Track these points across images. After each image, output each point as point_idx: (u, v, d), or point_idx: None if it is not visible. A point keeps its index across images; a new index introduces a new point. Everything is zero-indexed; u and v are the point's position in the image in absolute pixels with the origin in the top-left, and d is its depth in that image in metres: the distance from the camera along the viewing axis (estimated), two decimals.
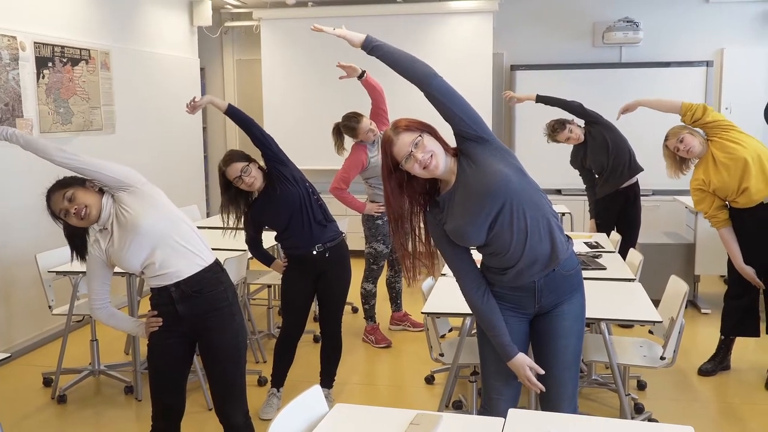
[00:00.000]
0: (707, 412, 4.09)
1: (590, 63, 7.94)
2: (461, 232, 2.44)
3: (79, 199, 2.71)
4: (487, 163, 2.38)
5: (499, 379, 2.62)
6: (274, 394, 4.10)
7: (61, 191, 2.72)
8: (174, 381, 2.93)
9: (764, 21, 7.81)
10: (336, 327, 4.16)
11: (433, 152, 2.35)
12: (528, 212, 2.40)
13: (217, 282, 2.85)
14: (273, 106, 8.46)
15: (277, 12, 8.37)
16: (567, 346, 2.56)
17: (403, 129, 2.38)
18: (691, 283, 6.04)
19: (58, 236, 5.15)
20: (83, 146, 5.80)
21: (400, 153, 2.36)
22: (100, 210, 2.74)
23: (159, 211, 2.77)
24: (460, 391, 4.19)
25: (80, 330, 5.50)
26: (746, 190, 4.14)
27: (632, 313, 3.37)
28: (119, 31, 6.40)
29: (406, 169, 2.38)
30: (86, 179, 2.76)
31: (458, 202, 2.43)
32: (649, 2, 8.01)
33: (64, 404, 4.27)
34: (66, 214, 2.71)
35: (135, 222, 2.70)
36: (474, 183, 2.38)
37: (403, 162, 2.37)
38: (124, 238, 2.73)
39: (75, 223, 2.74)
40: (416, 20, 8.09)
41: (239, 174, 3.74)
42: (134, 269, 2.79)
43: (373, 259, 5.31)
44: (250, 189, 3.82)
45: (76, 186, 2.74)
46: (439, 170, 2.38)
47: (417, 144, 2.34)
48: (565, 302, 2.56)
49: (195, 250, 2.81)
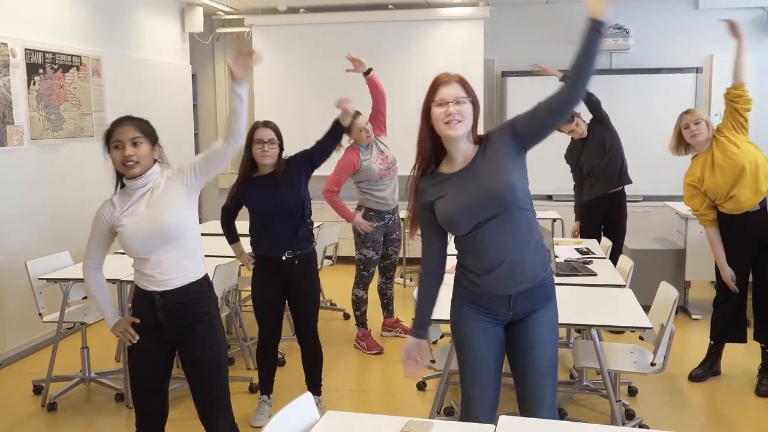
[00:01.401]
0: (698, 417, 4.11)
1: None
2: (452, 214, 2.46)
3: (141, 151, 2.70)
4: (505, 168, 2.41)
5: (479, 384, 2.62)
6: (265, 401, 4.09)
7: (133, 133, 2.70)
8: (154, 387, 2.90)
9: (753, 27, 7.87)
10: (310, 333, 4.11)
11: (464, 118, 2.41)
12: (520, 228, 2.45)
13: (202, 296, 2.82)
14: (265, 112, 8.41)
15: (268, 18, 8.38)
16: (542, 354, 2.57)
17: (458, 82, 2.45)
18: (682, 288, 6.06)
19: (49, 243, 5.12)
20: (74, 153, 5.79)
21: (441, 94, 2.42)
22: (141, 172, 2.72)
23: (190, 216, 2.78)
24: (451, 398, 4.19)
25: (71, 337, 5.48)
26: (734, 197, 4.17)
27: (623, 319, 3.38)
28: (110, 37, 6.39)
29: (432, 110, 2.44)
30: (157, 139, 2.80)
31: (459, 186, 2.45)
32: (639, 9, 8.06)
33: (54, 412, 4.24)
34: (118, 146, 2.69)
35: (161, 212, 2.69)
36: (483, 178, 2.42)
37: (434, 104, 2.43)
38: (141, 218, 2.70)
39: (115, 159, 2.72)
40: (408, 27, 8.11)
41: (265, 140, 3.79)
42: (129, 252, 2.76)
43: (363, 265, 5.31)
44: (258, 159, 3.83)
45: (148, 140, 2.74)
46: (455, 136, 2.42)
47: (459, 101, 2.41)
48: (539, 310, 2.57)
49: (192, 263, 2.79)
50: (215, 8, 8.20)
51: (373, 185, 5.17)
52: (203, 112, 9.16)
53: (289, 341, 4.49)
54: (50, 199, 5.49)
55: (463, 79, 2.47)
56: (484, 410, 2.56)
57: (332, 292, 6.56)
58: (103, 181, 6.47)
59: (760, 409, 4.18)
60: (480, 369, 2.59)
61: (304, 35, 8.33)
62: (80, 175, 5.85)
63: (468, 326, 2.60)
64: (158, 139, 2.82)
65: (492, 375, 2.61)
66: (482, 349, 2.59)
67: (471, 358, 2.61)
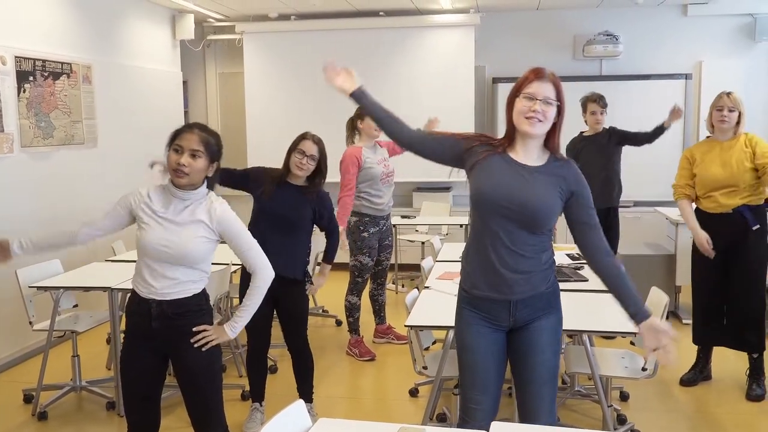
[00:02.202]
0: (689, 422, 4.12)
1: (571, 76, 8.00)
2: (484, 188, 2.47)
3: (196, 165, 2.68)
4: (554, 197, 2.46)
5: (477, 389, 2.62)
6: (257, 409, 4.08)
7: (196, 144, 2.68)
8: (146, 395, 2.87)
9: (742, 34, 7.93)
10: (300, 342, 4.10)
11: (545, 120, 2.41)
12: (534, 245, 2.51)
13: (198, 308, 2.80)
14: (256, 119, 8.46)
15: (259, 25, 8.39)
16: (543, 362, 2.59)
17: (552, 82, 2.43)
18: (672, 294, 6.09)
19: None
20: (65, 160, 5.77)
21: (532, 89, 2.40)
22: (191, 186, 2.71)
23: (213, 249, 2.79)
24: (444, 404, 4.19)
25: (61, 345, 5.45)
26: (712, 197, 4.22)
27: (614, 324, 3.38)
28: (101, 44, 6.38)
29: (518, 100, 2.43)
30: (218, 157, 2.78)
31: (510, 172, 2.46)
32: (628, 16, 8.11)
33: (45, 421, 4.22)
34: (177, 150, 2.68)
35: (189, 239, 2.68)
36: (533, 188, 2.43)
37: (521, 95, 2.42)
38: (166, 230, 2.68)
39: (170, 161, 2.69)
40: (399, 34, 8.13)
41: (307, 153, 3.84)
42: (140, 251, 2.73)
43: (357, 272, 5.31)
44: (293, 167, 3.87)
45: (208, 156, 2.71)
46: (531, 133, 2.42)
47: (547, 102, 2.40)
48: (542, 317, 2.58)
49: (195, 282, 2.78)
50: (206, 15, 8.20)
51: (372, 190, 5.21)
52: (194, 119, 9.13)
53: (280, 348, 4.48)
54: (41, 206, 5.47)
55: (558, 82, 2.46)
56: (482, 415, 2.56)
57: (324, 299, 6.56)
58: (94, 188, 6.46)
59: (750, 414, 4.19)
60: (478, 373, 2.60)
61: (295, 42, 8.33)
62: (71, 183, 5.83)
63: (469, 330, 2.62)
64: (220, 158, 2.79)
65: (491, 380, 2.62)
66: (482, 354, 2.60)
67: (470, 362, 2.62)
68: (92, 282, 4.37)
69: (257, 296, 2.83)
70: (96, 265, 4.91)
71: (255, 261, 2.81)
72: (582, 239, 2.55)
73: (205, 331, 2.75)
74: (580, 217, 2.52)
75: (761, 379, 4.41)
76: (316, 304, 6.51)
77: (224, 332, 2.78)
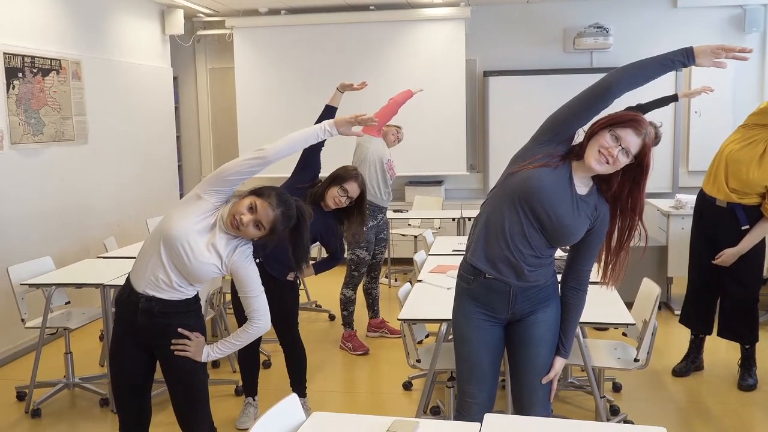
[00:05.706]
0: (681, 412, 4.15)
1: (562, 68, 8.02)
2: (540, 191, 2.45)
3: (250, 232, 2.65)
4: (585, 227, 2.53)
5: (473, 383, 2.65)
6: (250, 404, 4.08)
7: (265, 220, 2.63)
8: (135, 385, 2.87)
9: (732, 26, 7.95)
10: (291, 335, 4.10)
11: (614, 166, 2.40)
12: (550, 249, 2.59)
13: (186, 310, 2.79)
14: (247, 115, 8.44)
15: (249, 20, 8.36)
16: (539, 354, 2.62)
17: (644, 139, 2.41)
18: (664, 285, 6.11)
19: (30, 248, 5.07)
20: (55, 157, 5.75)
21: (622, 133, 2.38)
22: (239, 235, 2.70)
23: (221, 272, 2.77)
24: (437, 397, 4.21)
25: (54, 343, 5.43)
26: (718, 183, 4.24)
27: (606, 315, 3.40)
28: (90, 40, 6.35)
29: (600, 133, 2.40)
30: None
31: (566, 196, 2.47)
32: (618, 8, 8.12)
33: (38, 418, 4.21)
34: (252, 208, 2.62)
35: (206, 264, 2.66)
36: (573, 215, 2.47)
37: (607, 131, 2.38)
38: (197, 245, 2.64)
39: (238, 207, 2.63)
40: (390, 27, 8.12)
41: (349, 194, 4.00)
42: (161, 231, 2.68)
43: (354, 265, 5.32)
44: (327, 199, 4.01)
45: (268, 234, 2.67)
46: (594, 169, 2.41)
47: (625, 153, 2.38)
48: (539, 311, 2.61)
49: (192, 289, 2.78)
50: (196, 10, 8.17)
51: (383, 180, 5.36)
52: (185, 114, 9.12)
53: (273, 343, 4.48)
54: (31, 203, 5.44)
55: (649, 143, 2.43)
56: (478, 409, 2.58)
57: (317, 294, 6.56)
58: (84, 184, 6.43)
59: (742, 403, 4.22)
60: (474, 366, 2.63)
61: (285, 37, 8.31)
62: (61, 180, 5.81)
63: (468, 323, 2.64)
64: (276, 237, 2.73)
65: (486, 373, 2.64)
66: (478, 347, 2.63)
67: (467, 354, 2.65)
68: (84, 279, 4.36)
69: (245, 340, 2.82)
70: (88, 261, 4.89)
71: (256, 310, 2.77)
72: (575, 260, 2.67)
73: (186, 342, 2.75)
74: (587, 243, 2.60)
75: (753, 369, 4.44)
76: (309, 298, 6.51)
77: (200, 354, 2.77)
